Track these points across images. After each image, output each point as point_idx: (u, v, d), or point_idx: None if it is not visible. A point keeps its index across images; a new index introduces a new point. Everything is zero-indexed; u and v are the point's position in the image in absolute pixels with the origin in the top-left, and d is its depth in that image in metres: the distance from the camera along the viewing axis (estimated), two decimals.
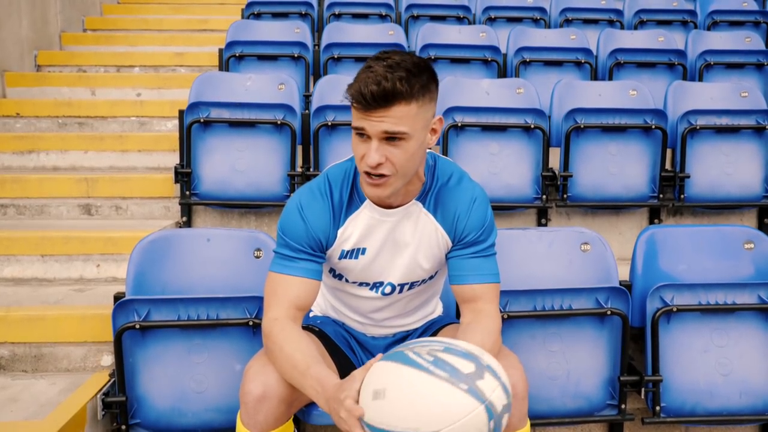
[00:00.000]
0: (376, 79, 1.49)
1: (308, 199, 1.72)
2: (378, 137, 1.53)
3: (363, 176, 1.60)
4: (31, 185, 3.42)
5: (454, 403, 1.25)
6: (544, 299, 2.17)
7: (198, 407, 2.08)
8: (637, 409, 2.37)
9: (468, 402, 1.26)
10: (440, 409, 1.25)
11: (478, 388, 1.27)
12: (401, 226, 1.74)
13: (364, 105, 1.50)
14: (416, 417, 1.26)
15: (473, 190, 1.75)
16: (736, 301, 2.27)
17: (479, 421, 1.26)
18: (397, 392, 1.29)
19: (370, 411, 1.32)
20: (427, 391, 1.27)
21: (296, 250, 1.70)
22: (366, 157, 1.54)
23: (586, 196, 3.34)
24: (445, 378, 1.27)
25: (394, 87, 1.49)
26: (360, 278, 1.81)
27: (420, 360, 1.31)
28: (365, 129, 1.53)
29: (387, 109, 1.50)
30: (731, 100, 3.80)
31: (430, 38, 4.56)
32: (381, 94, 1.48)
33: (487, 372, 1.30)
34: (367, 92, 1.49)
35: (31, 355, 2.44)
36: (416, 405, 1.26)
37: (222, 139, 3.24)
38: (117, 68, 5.20)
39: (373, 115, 1.51)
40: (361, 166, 1.58)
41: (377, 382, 1.33)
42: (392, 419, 1.28)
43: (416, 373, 1.29)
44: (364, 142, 1.56)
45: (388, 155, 1.54)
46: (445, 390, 1.26)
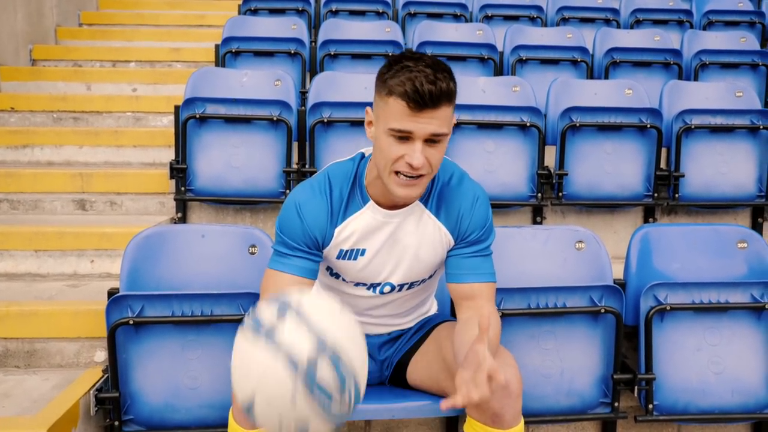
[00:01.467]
0: (429, 79, 1.48)
1: (306, 197, 1.72)
2: (423, 139, 1.52)
3: (393, 177, 1.57)
4: (25, 180, 3.41)
5: (253, 359, 1.15)
6: (539, 297, 2.17)
7: (191, 403, 2.08)
8: (630, 407, 2.38)
9: (264, 355, 1.14)
10: (246, 369, 1.16)
11: (276, 337, 1.14)
12: (403, 227, 1.74)
13: (419, 105, 1.48)
14: (239, 386, 1.17)
15: (475, 190, 1.76)
16: (729, 300, 2.28)
17: (279, 375, 1.12)
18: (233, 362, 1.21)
19: None
20: (238, 353, 1.19)
21: (292, 248, 1.69)
22: (408, 158, 1.53)
23: (581, 195, 3.34)
24: (249, 332, 1.17)
25: (448, 87, 1.50)
26: (357, 278, 1.81)
27: (246, 320, 1.22)
28: (413, 132, 1.51)
29: (436, 109, 1.50)
30: (726, 99, 3.80)
31: (427, 36, 4.56)
32: (437, 94, 1.48)
33: (291, 316, 1.17)
34: (425, 91, 1.47)
35: (24, 350, 2.44)
36: (235, 373, 1.18)
37: (218, 135, 3.23)
38: (113, 63, 5.18)
39: (423, 115, 1.50)
40: (395, 167, 1.56)
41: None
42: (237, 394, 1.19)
43: (237, 339, 1.20)
44: (403, 144, 1.54)
45: (428, 156, 1.54)
46: (248, 345, 1.17)
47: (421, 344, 1.95)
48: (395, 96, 1.50)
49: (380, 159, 1.59)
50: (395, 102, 1.51)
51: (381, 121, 1.56)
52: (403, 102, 1.49)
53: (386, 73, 1.55)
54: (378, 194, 1.70)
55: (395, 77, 1.51)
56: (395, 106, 1.51)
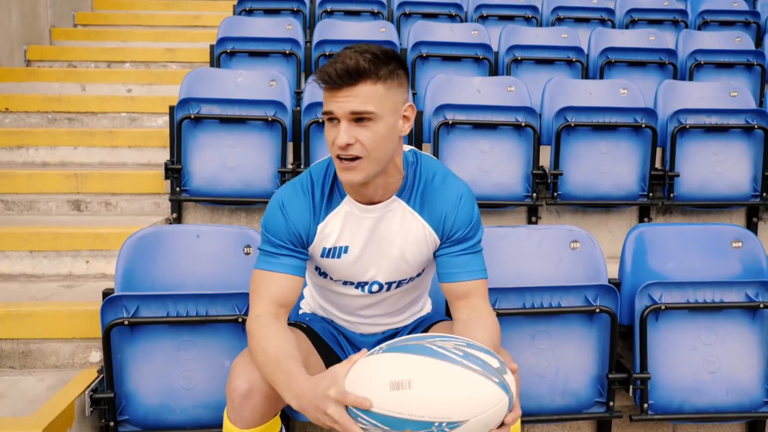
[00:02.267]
0: (341, 59, 1.53)
1: (289, 195, 1.73)
2: (346, 118, 1.54)
3: (336, 162, 1.60)
4: (20, 181, 3.41)
5: (488, 394, 1.33)
6: (534, 297, 2.17)
7: (187, 404, 2.08)
8: (625, 407, 2.38)
9: (498, 394, 1.34)
10: (475, 399, 1.32)
11: (505, 381, 1.36)
12: (385, 223, 1.74)
13: (330, 83, 1.52)
14: (448, 406, 1.31)
15: (459, 188, 1.75)
16: (724, 300, 2.28)
17: (503, 410, 1.36)
18: (427, 382, 1.32)
19: (383, 402, 1.33)
20: (463, 382, 1.32)
21: (278, 246, 1.70)
22: (336, 139, 1.55)
23: (576, 195, 3.35)
24: (479, 371, 1.33)
25: (358, 64, 1.52)
26: (344, 277, 1.81)
27: (449, 354, 1.35)
28: (333, 111, 1.54)
29: (353, 86, 1.52)
30: (721, 99, 3.82)
31: (422, 36, 4.56)
32: (345, 71, 1.51)
33: (506, 367, 1.39)
34: (332, 71, 1.52)
35: (18, 351, 2.43)
36: (451, 395, 1.31)
37: (213, 135, 3.23)
38: (107, 64, 5.18)
39: (340, 94, 1.53)
40: (333, 151, 1.58)
41: (395, 372, 1.34)
42: (419, 409, 1.31)
43: (449, 365, 1.33)
44: (335, 127, 1.56)
45: (357, 136, 1.55)
46: (481, 382, 1.33)
47: None
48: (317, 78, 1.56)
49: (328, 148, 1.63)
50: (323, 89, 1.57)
51: None
52: (320, 84, 1.56)
53: None
54: (350, 189, 1.71)
55: None
56: (323, 92, 1.57)
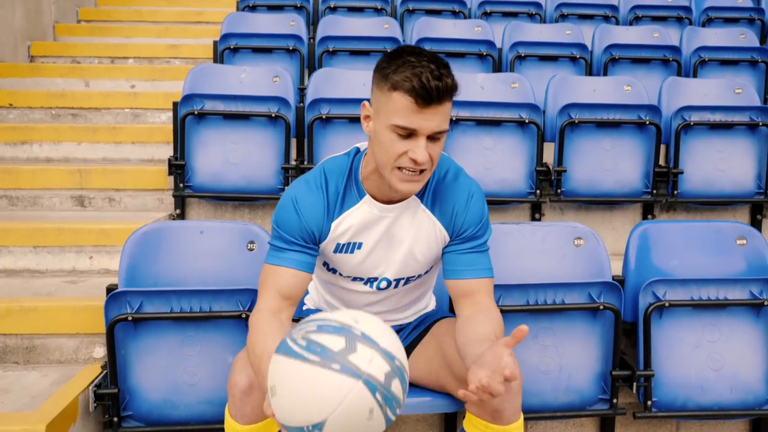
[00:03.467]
0: (435, 74, 1.47)
1: (303, 192, 1.71)
2: (427, 135, 1.52)
3: (396, 172, 1.56)
4: (23, 176, 3.41)
5: (330, 386, 1.17)
6: (537, 293, 2.17)
7: (190, 399, 2.08)
8: (629, 404, 2.38)
9: (343, 381, 1.17)
10: (320, 395, 1.18)
11: (350, 363, 1.18)
12: (399, 222, 1.74)
13: (426, 100, 1.47)
14: (303, 408, 1.20)
15: (470, 186, 1.76)
16: (728, 297, 2.28)
17: (361, 397, 1.18)
18: (282, 386, 1.23)
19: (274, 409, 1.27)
20: (305, 379, 1.19)
21: (289, 242, 1.69)
22: (412, 153, 1.52)
23: (579, 192, 3.34)
24: (317, 362, 1.19)
25: (453, 82, 1.50)
26: (354, 273, 1.81)
27: (295, 347, 1.23)
28: (417, 129, 1.50)
29: (441, 105, 1.50)
30: (725, 96, 3.80)
31: (426, 32, 4.55)
32: (443, 90, 1.48)
33: (359, 342, 1.21)
34: (432, 87, 1.46)
35: (22, 346, 2.44)
36: (299, 396, 1.20)
37: (216, 131, 3.23)
38: (111, 60, 5.18)
39: (429, 111, 1.49)
40: (397, 162, 1.55)
41: (271, 378, 1.27)
42: (288, 414, 1.23)
43: (293, 362, 1.22)
44: (406, 140, 1.53)
45: (430, 152, 1.54)
46: (320, 374, 1.18)
47: (420, 340, 1.95)
48: (401, 91, 1.49)
49: (381, 154, 1.57)
50: (400, 97, 1.49)
51: (382, 116, 1.55)
52: (409, 98, 1.48)
53: (387, 67, 1.53)
54: (374, 188, 1.70)
55: (399, 72, 1.50)
56: (400, 101, 1.50)
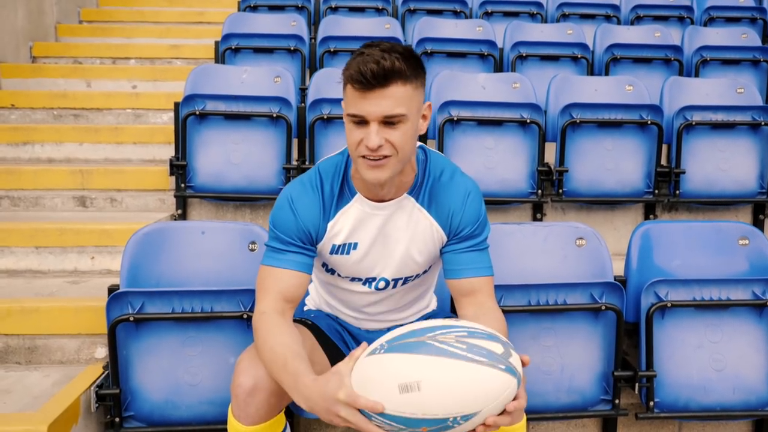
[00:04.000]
0: (374, 59, 1.49)
1: (298, 192, 1.72)
2: (377, 120, 1.52)
3: (360, 161, 1.58)
4: (25, 177, 3.41)
5: (496, 383, 1.34)
6: (539, 294, 2.17)
7: (192, 400, 2.08)
8: (631, 404, 2.38)
9: (507, 379, 1.35)
10: (485, 390, 1.33)
11: (511, 365, 1.37)
12: (393, 220, 1.74)
13: (363, 84, 1.50)
14: (461, 401, 1.32)
15: (466, 185, 1.75)
16: (731, 297, 2.27)
17: (513, 391, 1.38)
18: (435, 383, 1.32)
19: (396, 405, 1.33)
20: (471, 376, 1.32)
21: (286, 243, 1.69)
22: (365, 140, 1.54)
23: (581, 192, 3.34)
24: (485, 362, 1.34)
25: (393, 65, 1.50)
26: (352, 273, 1.81)
27: (453, 349, 1.34)
28: (364, 115, 1.52)
29: (385, 88, 1.51)
30: (727, 96, 3.80)
31: (427, 32, 4.55)
32: (381, 72, 1.49)
33: (510, 348, 1.40)
34: (366, 70, 1.49)
35: (24, 347, 2.44)
36: (461, 390, 1.32)
37: (217, 131, 3.23)
38: (113, 60, 5.18)
39: (372, 95, 1.51)
40: (358, 151, 1.57)
41: (403, 375, 1.33)
42: (431, 408, 1.32)
43: (454, 362, 1.33)
44: (361, 128, 1.55)
45: (387, 137, 1.54)
46: (488, 373, 1.33)
47: None
48: (347, 82, 1.54)
49: (348, 146, 1.62)
50: (348, 88, 1.55)
51: (344, 110, 1.59)
52: (351, 86, 1.53)
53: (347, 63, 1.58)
54: (362, 187, 1.71)
55: (348, 65, 1.55)
56: (349, 91, 1.55)
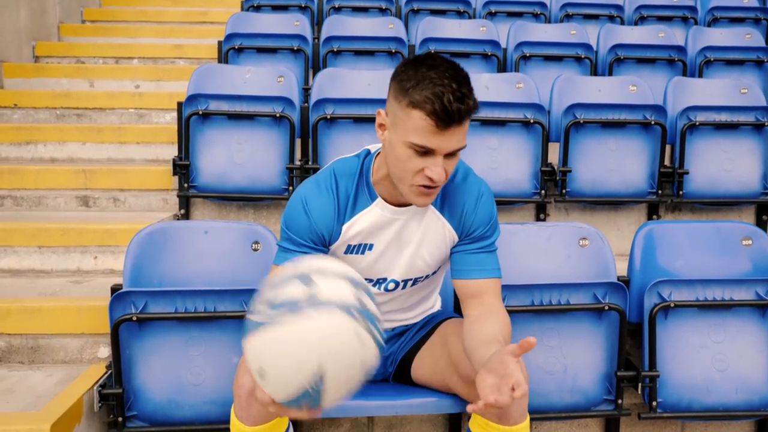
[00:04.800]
0: (456, 96, 1.44)
1: (313, 194, 1.70)
2: (445, 153, 1.51)
3: (413, 188, 1.56)
4: (28, 176, 3.41)
5: (312, 329, 1.18)
6: (542, 294, 2.17)
7: (195, 399, 2.08)
8: (634, 405, 2.37)
9: (320, 320, 1.18)
10: (306, 345, 1.18)
11: (318, 300, 1.19)
12: (409, 223, 1.74)
13: (446, 123, 1.45)
14: (297, 369, 1.19)
15: (479, 186, 1.76)
16: (734, 298, 2.27)
17: (340, 324, 1.19)
18: (267, 363, 1.22)
19: (270, 391, 1.26)
20: (285, 340, 1.19)
21: (298, 244, 1.69)
22: (429, 171, 1.50)
23: (584, 192, 3.33)
24: (288, 317, 1.19)
25: (474, 103, 1.47)
26: (364, 274, 1.79)
27: (260, 318, 1.22)
28: (437, 149, 1.49)
29: (461, 126, 1.48)
30: (731, 96, 3.79)
31: (430, 32, 4.54)
32: (465, 112, 1.46)
33: (317, 277, 1.22)
34: (453, 110, 1.44)
35: (27, 346, 2.44)
36: (287, 359, 1.19)
37: (221, 131, 3.23)
38: (116, 60, 5.18)
39: (448, 132, 1.47)
40: (414, 180, 1.54)
41: (252, 363, 1.25)
42: (285, 387, 1.22)
43: (266, 334, 1.21)
44: (422, 157, 1.51)
45: (446, 167, 1.53)
46: (297, 327, 1.18)
47: (426, 340, 1.94)
48: (420, 111, 1.46)
49: (396, 168, 1.56)
50: (420, 117, 1.46)
51: (399, 131, 1.52)
52: (430, 120, 1.45)
53: (407, 80, 1.50)
54: (386, 192, 1.70)
55: (418, 89, 1.46)
56: (419, 121, 1.47)
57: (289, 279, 1.24)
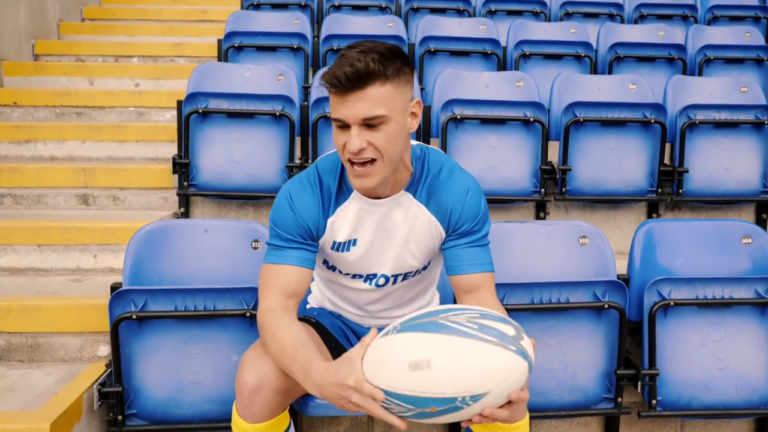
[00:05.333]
0: (349, 62, 1.49)
1: (297, 189, 1.73)
2: (357, 123, 1.52)
3: (348, 167, 1.59)
4: (28, 175, 3.41)
5: (506, 363, 1.34)
6: (542, 292, 2.17)
7: (194, 398, 2.08)
8: (634, 403, 2.37)
9: (517, 361, 1.35)
10: (494, 370, 1.34)
11: (522, 347, 1.37)
12: (392, 216, 1.74)
13: (339, 88, 1.50)
14: (470, 380, 1.33)
15: (466, 181, 1.75)
16: (733, 296, 2.27)
17: (523, 375, 1.37)
18: (444, 360, 1.33)
19: (405, 383, 1.34)
20: (480, 355, 1.33)
21: (287, 240, 1.70)
22: (347, 144, 1.54)
23: (584, 190, 3.33)
24: (495, 342, 1.35)
25: (368, 67, 1.49)
26: (353, 270, 1.81)
27: (464, 328, 1.35)
28: (343, 118, 1.53)
29: (362, 90, 1.50)
30: (731, 95, 3.79)
31: (430, 30, 4.55)
32: (355, 75, 1.48)
33: (523, 333, 1.40)
34: (341, 74, 1.48)
35: (27, 345, 2.44)
36: (470, 369, 1.33)
37: (220, 129, 3.23)
38: (115, 58, 5.18)
39: (350, 98, 1.50)
40: (344, 156, 1.57)
41: (413, 353, 1.35)
42: (440, 386, 1.33)
43: (465, 340, 1.34)
44: (344, 132, 1.55)
45: (369, 140, 1.54)
46: (498, 353, 1.34)
47: None
48: (326, 86, 1.54)
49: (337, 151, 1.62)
50: (330, 92, 1.54)
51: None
52: (330, 90, 1.53)
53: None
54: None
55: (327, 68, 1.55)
56: (330, 96, 1.55)
57: (500, 318, 1.41)
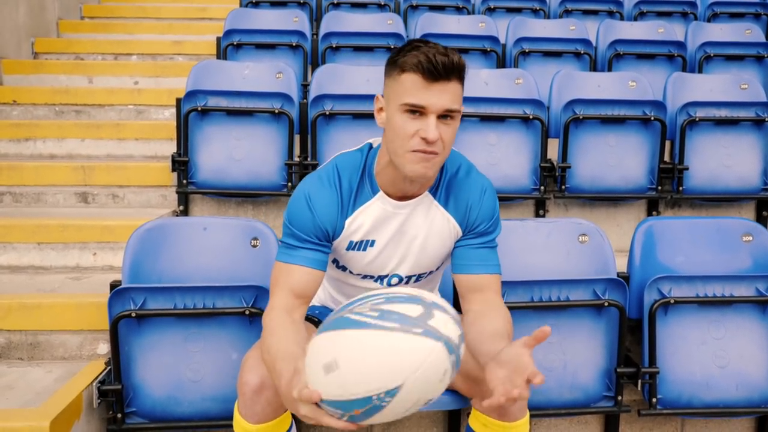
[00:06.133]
0: (441, 52, 1.49)
1: (316, 188, 1.69)
2: (437, 113, 1.51)
3: (410, 155, 1.55)
4: (27, 173, 3.41)
5: (413, 349, 1.19)
6: (542, 290, 2.16)
7: (194, 396, 2.08)
8: (634, 401, 2.37)
9: (426, 343, 1.20)
10: (400, 359, 1.19)
11: (431, 327, 1.21)
12: (413, 218, 1.73)
13: (432, 74, 1.48)
14: (377, 375, 1.19)
15: (483, 181, 1.77)
16: (734, 294, 2.27)
17: (440, 358, 1.21)
18: (347, 358, 1.21)
19: (325, 388, 1.24)
20: (382, 345, 1.20)
21: (302, 240, 1.68)
22: (423, 131, 1.51)
23: (584, 188, 3.33)
24: (397, 327, 1.21)
25: (460, 61, 1.51)
26: (365, 271, 1.80)
27: (364, 318, 1.24)
28: (426, 105, 1.51)
29: (449, 82, 1.51)
30: (731, 92, 3.79)
31: (429, 28, 4.54)
32: (449, 65, 1.49)
33: (435, 309, 1.25)
34: (438, 62, 1.48)
35: (27, 342, 2.44)
36: (373, 363, 1.20)
37: (219, 127, 3.23)
38: (114, 56, 5.17)
39: (436, 87, 1.50)
40: (410, 144, 1.54)
41: (324, 355, 1.24)
42: (352, 387, 1.21)
43: (365, 333, 1.22)
44: (417, 119, 1.53)
45: (441, 133, 1.53)
46: (400, 339, 1.20)
47: None
48: (408, 71, 1.51)
49: (394, 138, 1.57)
50: (408, 76, 1.51)
51: (393, 101, 1.56)
52: (416, 75, 1.50)
53: (397, 55, 1.55)
54: (387, 184, 1.69)
55: (407, 55, 1.52)
56: (408, 80, 1.51)
57: (407, 297, 1.27)
